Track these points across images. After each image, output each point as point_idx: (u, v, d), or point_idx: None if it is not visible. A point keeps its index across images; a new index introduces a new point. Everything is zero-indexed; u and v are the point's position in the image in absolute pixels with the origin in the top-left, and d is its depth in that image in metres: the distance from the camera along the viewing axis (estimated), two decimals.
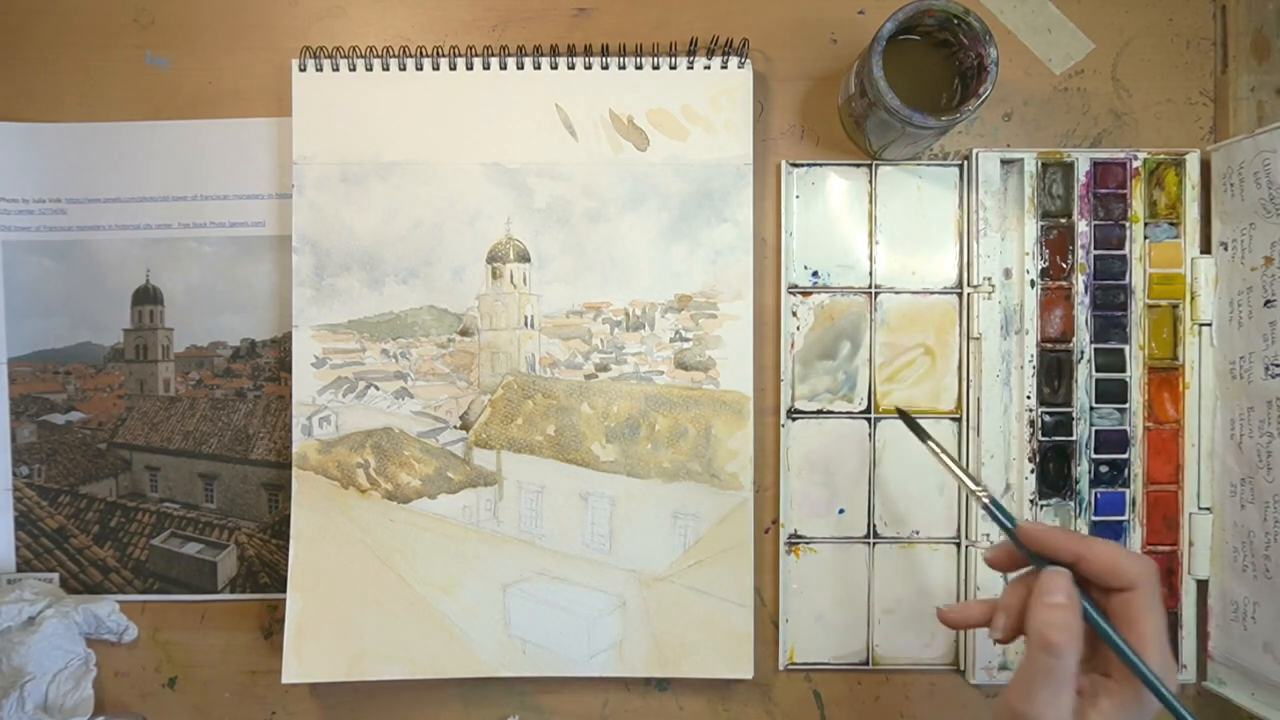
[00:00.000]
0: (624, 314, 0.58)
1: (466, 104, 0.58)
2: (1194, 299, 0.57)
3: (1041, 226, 0.57)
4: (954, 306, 0.58)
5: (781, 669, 0.58)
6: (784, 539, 0.58)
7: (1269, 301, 0.52)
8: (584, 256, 0.58)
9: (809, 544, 0.58)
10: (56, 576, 0.60)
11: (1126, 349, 0.57)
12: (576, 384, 0.58)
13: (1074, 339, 0.57)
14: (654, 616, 0.57)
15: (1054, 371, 0.57)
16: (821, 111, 0.59)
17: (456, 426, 0.58)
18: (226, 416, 0.60)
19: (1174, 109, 0.59)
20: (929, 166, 0.58)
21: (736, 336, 0.57)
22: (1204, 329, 0.57)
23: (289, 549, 0.57)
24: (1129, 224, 0.57)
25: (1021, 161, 0.57)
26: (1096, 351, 0.57)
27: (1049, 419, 0.57)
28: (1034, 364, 0.57)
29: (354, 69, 0.58)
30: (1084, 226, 0.57)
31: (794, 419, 0.58)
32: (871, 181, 0.59)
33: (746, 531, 0.57)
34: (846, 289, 0.59)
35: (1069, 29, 0.59)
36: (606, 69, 0.58)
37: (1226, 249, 0.56)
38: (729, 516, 0.57)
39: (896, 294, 0.58)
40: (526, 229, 0.58)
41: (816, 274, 0.59)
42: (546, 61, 0.58)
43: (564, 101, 0.58)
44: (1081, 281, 0.57)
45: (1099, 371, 0.57)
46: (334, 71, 0.58)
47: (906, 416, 0.50)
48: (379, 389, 0.58)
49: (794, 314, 0.58)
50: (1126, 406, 0.57)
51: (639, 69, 0.57)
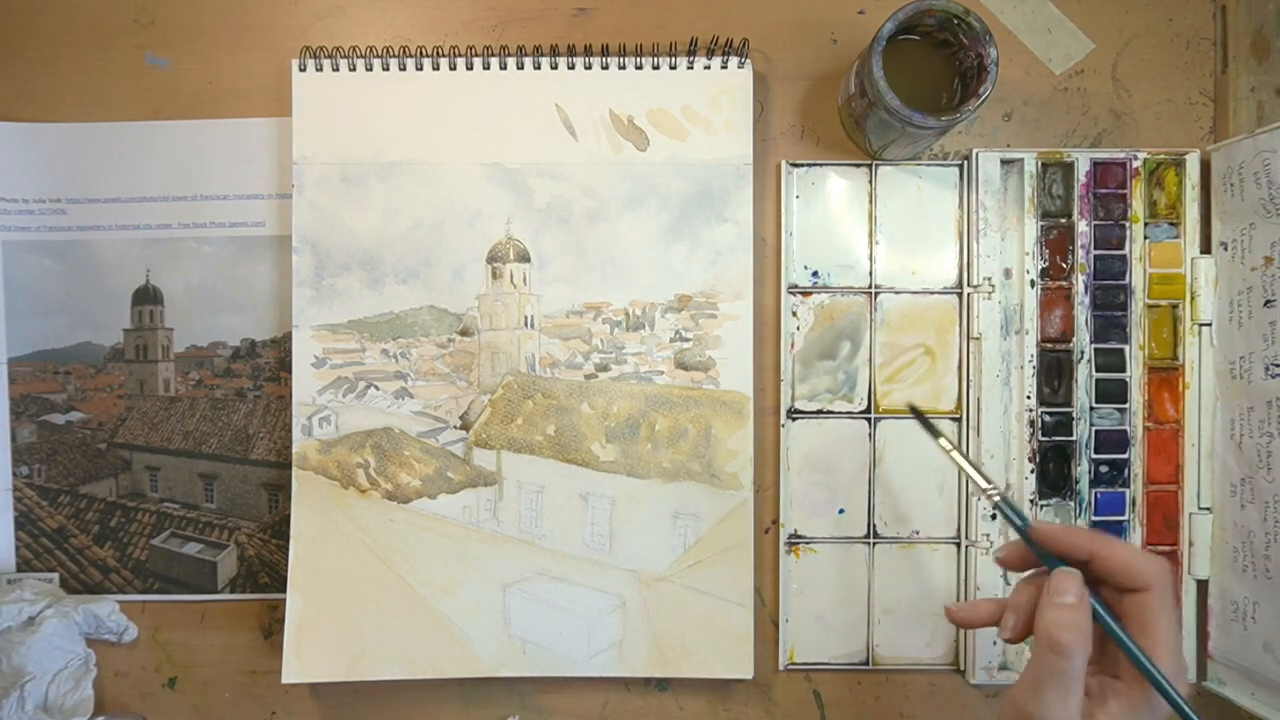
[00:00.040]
0: (624, 314, 0.58)
1: (466, 104, 0.58)
2: (1194, 299, 0.57)
3: (1041, 226, 0.57)
4: (954, 306, 0.58)
5: (781, 669, 0.58)
6: (784, 539, 0.58)
7: (1269, 301, 0.52)
8: (584, 256, 0.58)
9: (809, 544, 0.58)
10: (56, 576, 0.60)
11: (1126, 349, 0.57)
12: (576, 384, 0.58)
13: (1074, 339, 0.57)
14: (654, 616, 0.57)
15: (1054, 371, 0.57)
16: (821, 111, 0.59)
17: (456, 426, 0.58)
18: (226, 416, 0.60)
19: (1174, 109, 0.59)
20: (929, 166, 0.58)
21: (736, 336, 0.57)
22: (1204, 329, 0.57)
23: (289, 549, 0.57)
24: (1129, 224, 0.57)
25: (1021, 161, 0.57)
26: (1096, 351, 0.57)
27: (1049, 419, 0.57)
28: (1034, 364, 0.57)
29: (354, 69, 0.58)
30: (1084, 226, 0.57)
31: (794, 419, 0.58)
32: (871, 181, 0.59)
33: (746, 531, 0.57)
34: (846, 289, 0.59)
35: (1069, 29, 0.59)
36: (606, 69, 0.58)
37: (1226, 249, 0.56)
38: (729, 516, 0.57)
39: (896, 294, 0.58)
40: (526, 229, 0.58)
41: (816, 274, 0.59)
42: (546, 61, 0.58)
43: (564, 101, 0.58)
44: (1081, 281, 0.57)
45: (1099, 371, 0.57)
46: (334, 71, 0.58)
47: (918, 413, 0.50)
48: (379, 389, 0.58)
49: (794, 314, 0.58)
50: (1126, 406, 0.57)
51: (639, 69, 0.57)
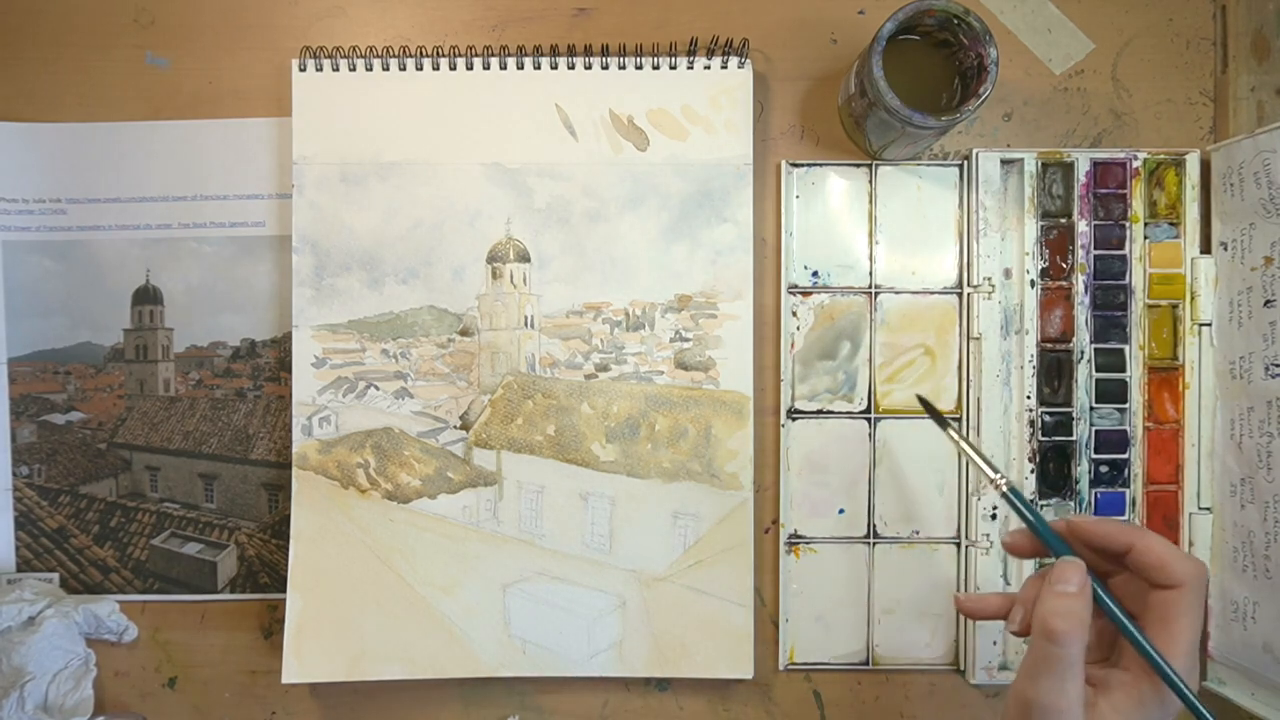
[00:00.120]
0: (624, 314, 0.58)
1: (466, 104, 0.58)
2: (1194, 299, 0.57)
3: (1041, 226, 0.57)
4: (954, 306, 0.58)
5: (781, 669, 0.58)
6: (784, 539, 0.58)
7: (1269, 301, 0.52)
8: (584, 256, 0.58)
9: (809, 544, 0.58)
10: (56, 576, 0.60)
11: (1126, 349, 0.57)
12: (576, 384, 0.58)
13: (1074, 339, 0.57)
14: (654, 616, 0.57)
15: (1054, 371, 0.57)
16: (821, 111, 0.59)
17: (456, 426, 0.58)
18: (226, 416, 0.60)
19: (1174, 109, 0.59)
20: (929, 166, 0.58)
21: (736, 336, 0.57)
22: (1204, 329, 0.57)
23: (289, 549, 0.57)
24: (1129, 224, 0.57)
25: (1021, 161, 0.57)
26: (1096, 351, 0.57)
27: (1049, 419, 0.57)
28: (1034, 364, 0.57)
29: (354, 69, 0.58)
30: (1084, 226, 0.57)
31: (794, 419, 0.58)
32: (871, 181, 0.58)
33: (746, 531, 0.57)
34: (846, 289, 0.59)
35: (1069, 29, 0.59)
36: (606, 69, 0.58)
37: (1226, 249, 0.56)
38: (729, 516, 0.57)
39: (896, 294, 0.58)
40: (526, 229, 0.58)
41: (816, 274, 0.59)
42: (546, 61, 0.58)
43: (564, 101, 0.58)
44: (1081, 281, 0.57)
45: (1099, 371, 0.57)
46: (334, 71, 0.58)
47: (927, 404, 0.50)
48: (379, 389, 0.58)
49: (794, 314, 0.58)
50: (1126, 406, 0.57)
51: (639, 69, 0.57)
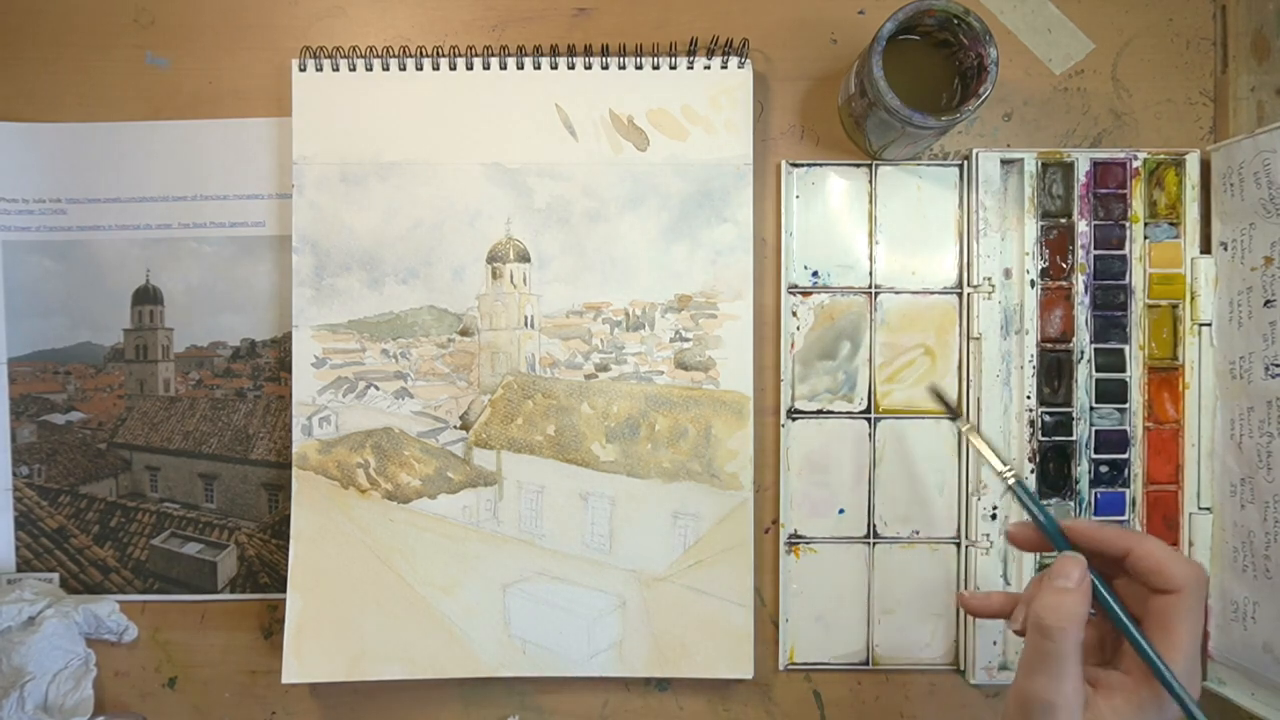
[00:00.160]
0: (624, 314, 0.58)
1: (466, 104, 0.58)
2: (1194, 299, 0.57)
3: (1041, 226, 0.57)
4: (954, 306, 0.58)
5: (781, 669, 0.58)
6: (784, 539, 0.58)
7: (1269, 301, 0.52)
8: (584, 256, 0.58)
9: (809, 544, 0.58)
10: (56, 576, 0.60)
11: (1126, 349, 0.57)
12: (576, 384, 0.58)
13: (1074, 339, 0.57)
14: (654, 616, 0.57)
15: (1054, 371, 0.57)
16: (821, 111, 0.59)
17: (456, 426, 0.58)
18: (226, 416, 0.60)
19: (1174, 109, 0.59)
20: (929, 166, 0.58)
21: (736, 336, 0.57)
22: (1204, 329, 0.57)
23: (289, 549, 0.57)
24: (1129, 224, 0.57)
25: (1021, 161, 0.57)
26: (1096, 351, 0.57)
27: (1049, 419, 0.57)
28: (1034, 364, 0.57)
29: (354, 69, 0.58)
30: (1084, 226, 0.57)
31: (794, 419, 0.58)
32: (871, 181, 0.58)
33: (746, 531, 0.57)
34: (846, 289, 0.59)
35: (1069, 29, 0.59)
36: (606, 69, 0.58)
37: (1226, 249, 0.56)
38: (729, 516, 0.57)
39: (896, 294, 0.58)
40: (526, 229, 0.58)
41: (816, 274, 0.59)
42: (546, 61, 0.58)
43: (564, 101, 0.58)
44: (1081, 281, 0.57)
45: (1099, 371, 0.57)
46: (334, 71, 0.58)
47: (939, 393, 0.49)
48: (379, 389, 0.58)
49: (794, 314, 0.58)
50: (1126, 406, 0.57)
51: (639, 69, 0.57)
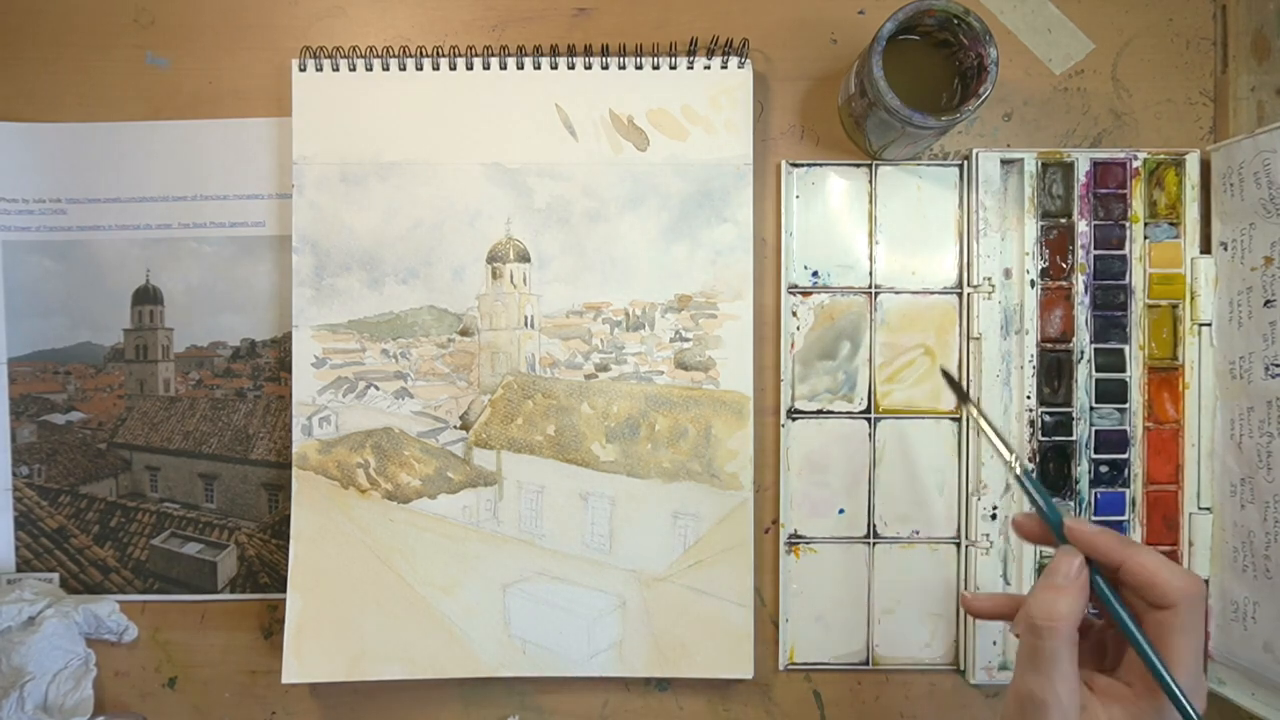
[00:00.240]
0: (624, 314, 0.58)
1: (466, 104, 0.58)
2: (1194, 299, 0.57)
3: (1041, 226, 0.57)
4: (954, 306, 0.58)
5: (781, 669, 0.58)
6: (784, 539, 0.58)
7: (1269, 301, 0.52)
8: (584, 256, 0.58)
9: (809, 544, 0.58)
10: (56, 576, 0.60)
11: (1126, 349, 0.57)
12: (576, 384, 0.58)
13: (1074, 339, 0.57)
14: (654, 616, 0.57)
15: (1054, 371, 0.57)
16: (821, 111, 0.59)
17: (456, 426, 0.58)
18: (226, 416, 0.60)
19: (1174, 109, 0.59)
20: (929, 166, 0.58)
21: (736, 336, 0.57)
22: (1204, 329, 0.57)
23: (289, 549, 0.57)
24: (1129, 224, 0.57)
25: (1021, 161, 0.57)
26: (1096, 351, 0.57)
27: (1049, 419, 0.57)
28: (1034, 364, 0.57)
29: (354, 69, 0.58)
30: (1084, 226, 0.57)
31: (794, 419, 0.58)
32: (871, 181, 0.58)
33: (746, 531, 0.57)
34: (846, 289, 0.59)
35: (1069, 29, 0.59)
36: (606, 69, 0.58)
37: (1226, 249, 0.56)
38: (729, 516, 0.57)
39: (896, 294, 0.58)
40: (526, 229, 0.58)
41: (816, 274, 0.59)
42: (546, 61, 0.57)
43: (564, 101, 0.58)
44: (1081, 281, 0.57)
45: (1099, 371, 0.57)
46: (334, 71, 0.57)
47: (950, 377, 0.49)
48: (379, 389, 0.58)
49: (794, 314, 0.58)
50: (1126, 406, 0.57)
51: (639, 69, 0.57)
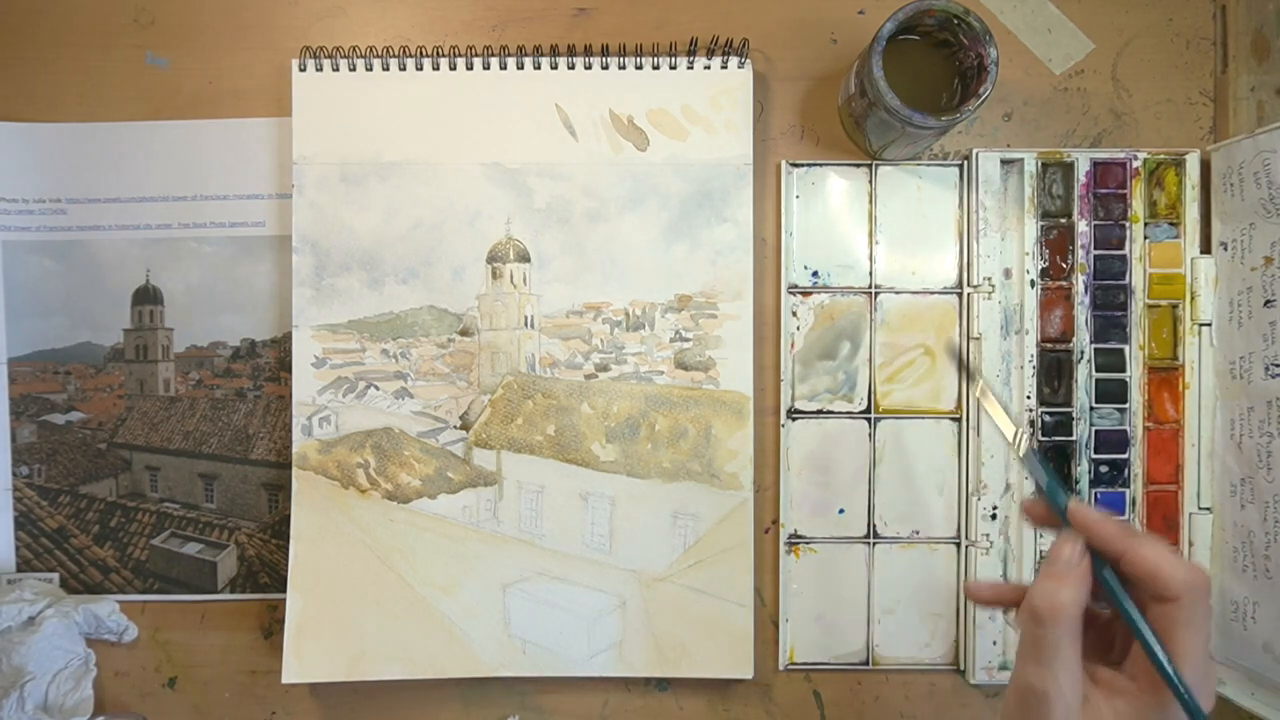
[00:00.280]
0: (624, 314, 0.58)
1: (466, 104, 0.58)
2: (1194, 299, 0.57)
3: (1041, 226, 0.57)
4: (954, 306, 0.58)
5: (781, 669, 0.58)
6: (784, 539, 0.58)
7: (1269, 301, 0.52)
8: (584, 256, 0.58)
9: (809, 544, 0.58)
10: (56, 576, 0.60)
11: (1126, 349, 0.57)
12: (576, 384, 0.58)
13: (1074, 339, 0.57)
14: (654, 616, 0.57)
15: (1054, 371, 0.57)
16: (821, 111, 0.59)
17: (456, 426, 0.58)
18: (226, 416, 0.60)
19: (1174, 109, 0.59)
20: (929, 166, 0.58)
21: (736, 336, 0.57)
22: (1204, 329, 0.57)
23: (289, 549, 0.57)
24: (1129, 224, 0.57)
25: (1021, 161, 0.57)
26: (1096, 351, 0.57)
27: (1049, 419, 0.57)
28: (1034, 364, 0.57)
29: (354, 69, 0.58)
30: (1084, 226, 0.57)
31: (794, 419, 0.58)
32: (871, 181, 0.58)
33: (746, 531, 0.57)
34: (846, 289, 0.59)
35: (1069, 29, 0.59)
36: (606, 69, 0.57)
37: (1226, 249, 0.56)
38: (729, 516, 0.57)
39: (896, 294, 0.58)
40: (526, 229, 0.58)
41: (816, 274, 0.59)
42: (546, 61, 0.57)
43: (564, 101, 0.58)
44: (1081, 281, 0.57)
45: (1099, 371, 0.57)
46: (334, 71, 0.57)
47: (956, 353, 0.48)
48: (379, 389, 0.58)
49: (794, 314, 0.58)
50: (1126, 406, 0.57)
51: (639, 69, 0.57)
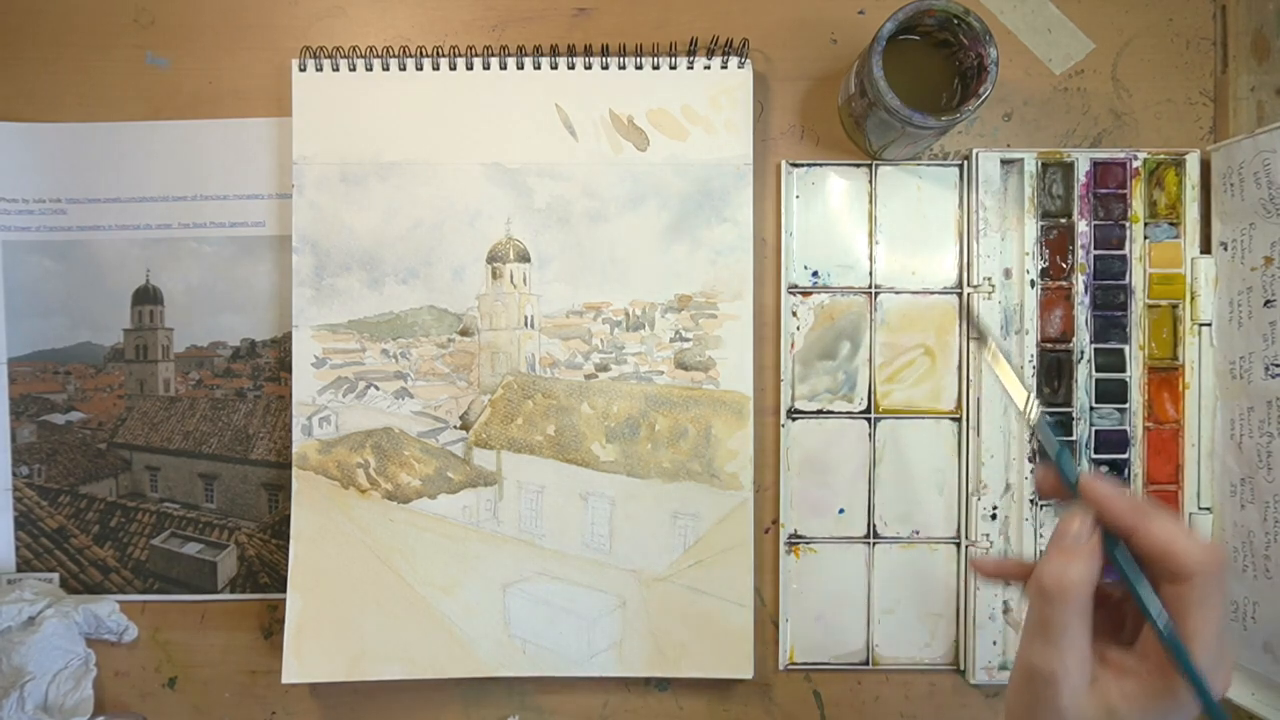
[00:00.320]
0: (624, 314, 0.58)
1: (466, 104, 0.58)
2: (1194, 299, 0.57)
3: (1041, 226, 0.57)
4: (954, 306, 0.58)
5: (781, 669, 0.58)
6: (784, 539, 0.58)
7: (1269, 301, 0.52)
8: (584, 256, 0.58)
9: (809, 544, 0.58)
10: (56, 576, 0.60)
11: (1126, 349, 0.57)
12: (576, 384, 0.58)
13: (1074, 339, 0.57)
14: (654, 616, 0.57)
15: (1054, 371, 0.57)
16: (821, 111, 0.59)
17: (456, 426, 0.58)
18: (226, 416, 0.60)
19: (1174, 109, 0.59)
20: (929, 166, 0.58)
21: (736, 336, 0.57)
22: (1204, 329, 0.57)
23: (289, 549, 0.57)
24: (1129, 224, 0.57)
25: (1021, 161, 0.57)
26: (1096, 351, 0.57)
27: (1049, 419, 0.57)
28: (1034, 364, 0.57)
29: (354, 69, 0.58)
30: (1084, 226, 0.57)
31: (794, 419, 0.58)
32: (871, 181, 0.58)
33: (746, 531, 0.57)
34: (846, 289, 0.59)
35: (1069, 29, 0.59)
36: (606, 69, 0.57)
37: (1226, 249, 0.56)
38: (729, 516, 0.57)
39: (896, 294, 0.58)
40: (526, 229, 0.58)
41: (816, 274, 0.59)
42: (546, 61, 0.57)
43: (564, 101, 0.58)
44: (1081, 281, 0.57)
45: (1099, 371, 0.57)
46: (334, 71, 0.57)
47: (969, 315, 0.47)
48: (379, 389, 0.58)
49: (794, 314, 0.58)
50: (1126, 406, 0.57)
51: (639, 69, 0.57)
